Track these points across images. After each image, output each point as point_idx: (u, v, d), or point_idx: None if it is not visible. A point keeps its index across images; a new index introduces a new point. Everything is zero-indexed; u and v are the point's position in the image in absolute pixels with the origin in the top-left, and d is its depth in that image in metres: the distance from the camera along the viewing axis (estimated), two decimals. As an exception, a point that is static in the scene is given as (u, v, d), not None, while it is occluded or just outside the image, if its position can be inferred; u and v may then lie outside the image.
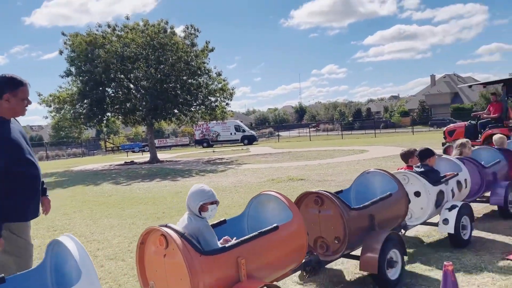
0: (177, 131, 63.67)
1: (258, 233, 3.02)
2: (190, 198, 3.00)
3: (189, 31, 23.88)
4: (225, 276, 2.77)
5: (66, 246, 2.43)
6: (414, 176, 4.76)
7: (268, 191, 3.62)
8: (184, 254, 2.59)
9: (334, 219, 3.72)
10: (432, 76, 77.97)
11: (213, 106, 24.68)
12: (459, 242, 4.70)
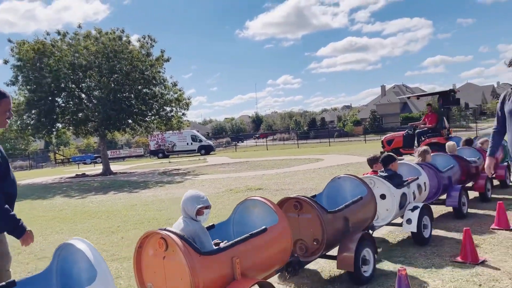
0: (131, 142, 62.13)
1: (249, 235, 3.22)
2: (187, 203, 3.15)
3: (145, 41, 23.53)
4: (222, 275, 2.96)
5: (78, 248, 2.53)
6: (379, 180, 5.09)
7: (254, 197, 3.83)
8: (185, 255, 2.74)
9: (312, 223, 3.94)
10: (383, 87, 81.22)
11: (169, 116, 24.37)
12: (421, 240, 5.07)
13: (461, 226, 5.67)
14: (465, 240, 4.34)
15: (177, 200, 10.64)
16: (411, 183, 5.43)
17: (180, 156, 40.79)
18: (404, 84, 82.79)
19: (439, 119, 13.80)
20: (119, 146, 58.83)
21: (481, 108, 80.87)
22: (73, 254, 2.64)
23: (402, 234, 5.69)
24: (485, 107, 79.85)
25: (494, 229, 5.52)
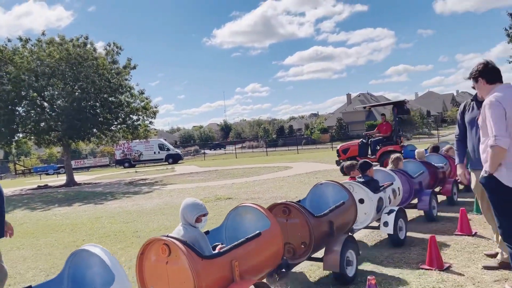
0: (96, 151, 60.57)
1: (246, 239, 3.40)
2: (187, 211, 3.32)
3: (111, 48, 23.09)
4: (222, 277, 3.12)
5: (92, 253, 2.68)
6: (358, 185, 5.38)
7: (246, 203, 4.01)
8: (188, 259, 2.87)
9: (300, 227, 4.15)
10: (348, 95, 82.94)
11: (135, 125, 23.94)
12: (397, 241, 5.40)
13: (428, 231, 5.83)
14: (431, 247, 4.46)
15: (144, 212, 10.42)
16: (386, 188, 5.75)
17: (147, 165, 40.10)
18: (369, 93, 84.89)
19: (393, 128, 14.44)
20: (83, 156, 57.17)
21: (442, 116, 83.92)
22: (86, 260, 2.78)
23: (375, 238, 5.79)
24: (446, 115, 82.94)
25: (458, 234, 5.70)
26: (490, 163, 3.31)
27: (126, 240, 7.32)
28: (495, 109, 3.25)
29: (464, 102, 4.65)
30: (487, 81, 3.56)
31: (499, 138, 3.18)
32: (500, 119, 3.22)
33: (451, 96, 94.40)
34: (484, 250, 4.90)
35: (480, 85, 3.63)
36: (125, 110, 23.29)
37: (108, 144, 27.86)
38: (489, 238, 5.40)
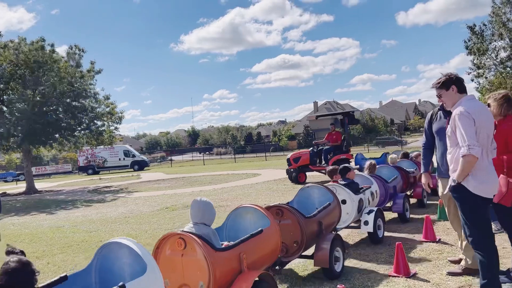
0: (58, 157, 58.56)
1: (250, 235, 3.73)
2: (208, 211, 3.58)
3: (73, 51, 22.42)
4: (232, 268, 3.43)
5: (123, 245, 2.84)
6: (340, 187, 5.77)
7: (246, 204, 4.34)
8: (204, 251, 3.15)
9: (292, 227, 4.47)
10: (315, 103, 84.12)
11: (100, 130, 23.32)
12: (376, 239, 5.83)
13: (394, 239, 5.93)
14: (397, 255, 4.52)
15: (108, 220, 10.11)
16: (366, 190, 6.20)
17: (111, 172, 39.11)
18: (335, 101, 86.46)
19: (343, 137, 14.98)
20: (44, 162, 55.15)
21: (405, 124, 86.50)
22: (115, 252, 2.92)
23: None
24: (409, 123, 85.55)
25: (423, 241, 5.83)
26: (460, 172, 3.34)
27: (89, 250, 7.06)
28: (466, 120, 3.31)
29: (431, 111, 4.71)
30: (458, 89, 3.58)
31: (472, 147, 3.22)
32: (471, 129, 3.28)
33: (414, 105, 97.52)
34: (448, 256, 5.02)
35: (450, 93, 3.60)
36: (90, 115, 22.66)
37: (71, 150, 26.98)
38: (452, 244, 5.55)
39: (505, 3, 22.32)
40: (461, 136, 3.29)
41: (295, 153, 15.50)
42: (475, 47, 23.36)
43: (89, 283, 2.90)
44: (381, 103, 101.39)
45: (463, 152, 3.25)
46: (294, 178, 14.72)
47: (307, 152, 15.10)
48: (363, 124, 64.65)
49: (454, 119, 3.39)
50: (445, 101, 3.67)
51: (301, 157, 14.86)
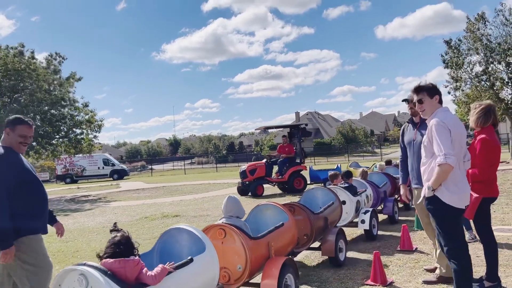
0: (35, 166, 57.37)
1: (275, 227, 4.33)
2: (240, 207, 4.22)
3: (52, 58, 22.10)
4: (263, 254, 4.03)
5: (183, 230, 3.49)
6: (341, 190, 6.51)
7: (266, 202, 4.95)
8: (241, 239, 3.77)
9: (303, 222, 5.10)
10: (297, 113, 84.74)
11: (78, 138, 22.96)
12: (371, 236, 6.60)
13: (372, 248, 6.00)
14: (375, 263, 4.58)
15: (86, 230, 9.93)
16: (362, 193, 6.97)
17: (90, 181, 38.45)
18: (316, 111, 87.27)
19: (296, 149, 15.23)
20: (20, 171, 53.88)
21: (385, 135, 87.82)
22: (175, 236, 3.53)
23: (318, 259, 5.87)
24: (388, 134, 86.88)
25: (399, 250, 5.91)
26: (435, 180, 3.37)
27: (66, 261, 6.92)
28: (443, 130, 3.36)
29: (403, 125, 4.89)
30: (439, 100, 3.60)
31: (448, 157, 3.27)
32: (447, 139, 3.33)
33: (393, 116, 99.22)
34: (424, 265, 5.10)
35: (432, 102, 3.56)
36: (68, 123, 22.31)
37: (49, 158, 26.46)
38: (428, 253, 5.65)
39: (478, 19, 23.03)
40: (438, 145, 3.34)
41: (250, 164, 15.27)
42: (452, 61, 23.99)
43: (149, 264, 3.19)
44: (362, 114, 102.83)
45: (439, 161, 3.29)
46: (252, 191, 14.42)
47: (262, 163, 14.96)
48: (344, 134, 65.32)
49: (431, 129, 3.42)
50: (425, 108, 3.58)
51: (257, 169, 14.66)
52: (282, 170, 14.80)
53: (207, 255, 3.30)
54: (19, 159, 3.43)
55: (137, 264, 2.82)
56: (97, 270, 2.61)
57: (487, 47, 22.56)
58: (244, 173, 14.72)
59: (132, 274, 2.76)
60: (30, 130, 3.54)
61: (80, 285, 2.62)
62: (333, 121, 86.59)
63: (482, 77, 23.50)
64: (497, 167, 4.14)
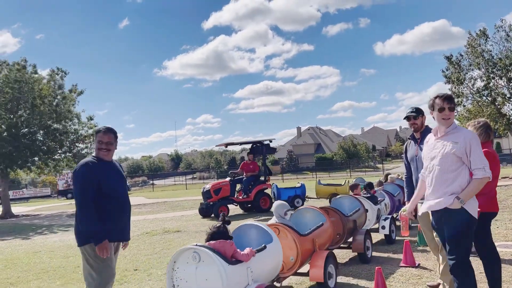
0: (37, 181, 57.30)
1: (317, 226, 5.28)
2: (279, 207, 5.12)
3: (55, 73, 22.25)
4: (309, 248, 4.93)
5: (253, 225, 4.46)
6: (364, 199, 7.30)
7: (306, 206, 6.07)
8: (293, 235, 4.67)
9: (337, 223, 5.92)
10: (298, 128, 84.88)
11: (82, 153, 22.94)
12: (391, 240, 7.42)
13: (373, 263, 5.96)
14: (377, 279, 4.54)
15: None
16: (381, 202, 7.92)
17: (92, 196, 38.31)
18: (318, 126, 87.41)
19: (260, 166, 14.75)
20: (22, 186, 53.89)
21: (387, 150, 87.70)
22: (245, 231, 4.47)
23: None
24: (390, 149, 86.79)
25: (402, 266, 5.87)
26: (471, 193, 3.31)
27: (66, 276, 6.88)
28: (479, 143, 3.40)
29: (406, 142, 4.93)
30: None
31: (488, 170, 3.30)
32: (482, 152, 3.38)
33: (395, 131, 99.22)
34: (427, 281, 5.06)
35: (452, 115, 3.50)
36: (71, 137, 22.36)
37: (51, 173, 26.45)
38: (431, 269, 5.60)
39: (480, 35, 23.23)
40: (479, 158, 3.31)
41: (215, 184, 14.28)
42: (453, 76, 24.09)
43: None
44: (363, 129, 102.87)
45: (483, 174, 3.27)
46: (215, 212, 13.14)
47: (227, 182, 14.04)
48: (345, 149, 65.25)
49: (471, 141, 3.35)
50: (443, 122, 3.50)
51: (222, 188, 13.75)
52: (247, 189, 14.06)
53: (275, 244, 4.26)
54: (99, 166, 3.87)
55: (232, 245, 3.70)
56: (206, 248, 3.53)
57: (488, 62, 22.70)
58: (208, 193, 13.67)
59: (229, 252, 3.64)
60: (105, 136, 3.90)
61: (194, 260, 3.52)
62: (334, 136, 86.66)
63: (483, 92, 23.59)
64: (497, 181, 4.16)
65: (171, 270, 3.63)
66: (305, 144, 76.99)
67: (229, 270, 3.47)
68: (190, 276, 3.53)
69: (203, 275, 3.47)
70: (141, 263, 7.43)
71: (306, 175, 53.58)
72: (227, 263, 3.49)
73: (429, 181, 3.56)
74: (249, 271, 3.75)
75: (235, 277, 3.54)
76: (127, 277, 6.47)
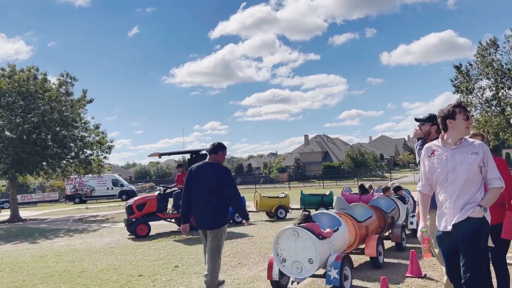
0: (45, 185, 57.69)
1: (368, 217, 6.80)
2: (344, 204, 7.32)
3: (64, 79, 22.48)
4: (364, 233, 6.43)
5: (324, 213, 6.14)
6: (397, 200, 8.74)
7: (356, 203, 7.70)
8: (353, 221, 6.24)
9: (379, 217, 7.26)
10: (306, 136, 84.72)
11: (88, 159, 23.09)
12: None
13: (379, 273, 5.90)
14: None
15: (93, 250, 9.91)
16: (408, 202, 9.47)
17: (99, 201, 38.55)
18: (325, 134, 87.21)
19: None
20: (31, 190, 54.30)
21: (395, 159, 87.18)
22: (319, 218, 5.96)
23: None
24: (398, 158, 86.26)
25: (408, 276, 5.81)
26: (490, 202, 3.35)
27: (72, 281, 6.90)
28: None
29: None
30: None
31: (503, 180, 3.37)
32: None
33: (403, 140, 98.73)
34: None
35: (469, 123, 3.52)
36: (79, 144, 22.53)
37: (59, 178, 26.61)
38: (437, 280, 5.54)
39: (490, 45, 23.12)
40: (495, 168, 3.38)
41: (138, 198, 12.68)
42: (462, 86, 23.96)
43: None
44: (371, 138, 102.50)
45: (500, 184, 3.34)
46: (132, 231, 11.86)
47: (153, 197, 12.51)
48: (353, 158, 64.96)
49: (486, 152, 3.40)
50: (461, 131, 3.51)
51: (147, 203, 12.22)
52: (177, 204, 12.25)
53: (343, 227, 5.77)
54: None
55: (318, 226, 5.32)
56: (303, 228, 5.09)
57: (498, 72, 22.56)
58: (130, 208, 12.19)
59: (317, 231, 5.17)
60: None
61: (293, 236, 5.07)
62: (342, 145, 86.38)
63: (492, 102, 23.43)
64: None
65: (275, 243, 5.21)
66: (313, 152, 76.79)
67: (319, 243, 5.00)
68: (291, 248, 5.08)
69: (301, 247, 5.02)
70: (146, 269, 7.43)
71: (313, 183, 53.39)
72: (318, 238, 5.03)
73: (448, 194, 3.42)
74: (330, 245, 5.29)
75: (322, 248, 5.03)
76: (131, 283, 6.47)
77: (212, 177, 5.27)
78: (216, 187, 5.24)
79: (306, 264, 5.00)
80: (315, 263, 4.95)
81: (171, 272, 7.10)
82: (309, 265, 4.99)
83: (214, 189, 5.25)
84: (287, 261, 5.10)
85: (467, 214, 3.33)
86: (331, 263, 5.03)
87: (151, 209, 12.20)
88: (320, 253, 4.90)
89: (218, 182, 5.23)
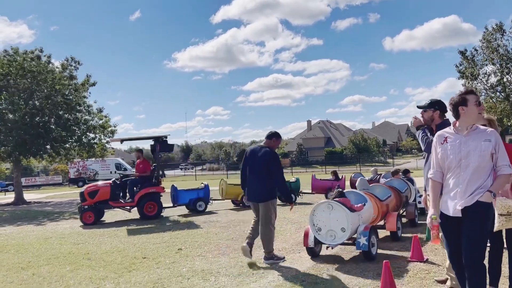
0: (49, 169, 58.00)
1: (388, 196, 7.66)
2: (366, 184, 8.90)
3: (69, 63, 22.44)
4: (384, 210, 7.28)
5: (351, 192, 7.02)
6: (407, 181, 9.70)
7: (377, 183, 9.41)
8: (375, 200, 7.03)
9: (396, 196, 8.08)
10: (308, 122, 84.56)
11: (91, 143, 23.15)
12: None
13: (381, 258, 5.95)
14: (385, 273, 4.52)
15: (97, 233, 10.00)
16: (415, 184, 10.22)
17: (102, 185, 38.72)
18: (328, 120, 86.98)
19: (153, 166, 12.50)
20: (35, 173, 54.64)
21: (397, 145, 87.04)
22: (349, 195, 6.64)
23: (319, 273, 5.82)
24: (401, 144, 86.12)
25: (410, 261, 5.84)
26: (501, 188, 3.43)
27: (76, 262, 6.98)
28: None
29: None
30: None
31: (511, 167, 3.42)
32: None
33: (406, 126, 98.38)
34: (435, 276, 5.03)
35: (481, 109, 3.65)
36: (82, 127, 22.56)
37: (62, 162, 26.76)
38: (439, 264, 5.57)
39: (496, 30, 22.84)
40: (505, 154, 3.40)
41: (90, 185, 12.27)
42: (467, 71, 23.75)
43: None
44: (374, 123, 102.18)
45: (510, 170, 3.37)
46: (80, 218, 11.74)
47: (107, 184, 12.04)
48: (356, 144, 64.84)
49: (498, 139, 3.45)
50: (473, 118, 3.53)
51: (99, 191, 11.78)
52: (132, 192, 11.99)
53: (369, 203, 6.65)
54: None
55: (349, 201, 6.17)
56: (337, 202, 5.97)
57: (503, 57, 22.33)
58: (82, 195, 11.86)
59: (348, 205, 5.99)
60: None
61: (328, 208, 5.94)
62: (345, 130, 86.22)
63: (497, 88, 23.25)
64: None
65: (312, 215, 6.06)
66: (315, 137, 76.72)
67: (351, 215, 5.82)
68: (325, 218, 5.94)
69: (335, 218, 5.86)
70: (150, 251, 7.50)
71: (315, 168, 53.49)
72: (350, 211, 5.85)
73: (460, 180, 3.43)
74: (359, 217, 6.07)
75: (353, 219, 5.85)
76: (135, 265, 6.54)
77: (262, 159, 6.12)
78: (265, 167, 6.06)
79: (339, 232, 5.87)
80: (347, 231, 5.81)
81: (174, 254, 7.16)
82: (342, 233, 5.85)
83: (263, 169, 6.07)
84: (322, 230, 5.95)
85: (475, 199, 3.35)
86: (361, 232, 5.86)
87: (103, 197, 11.76)
88: (351, 223, 5.78)
89: (267, 164, 6.05)
